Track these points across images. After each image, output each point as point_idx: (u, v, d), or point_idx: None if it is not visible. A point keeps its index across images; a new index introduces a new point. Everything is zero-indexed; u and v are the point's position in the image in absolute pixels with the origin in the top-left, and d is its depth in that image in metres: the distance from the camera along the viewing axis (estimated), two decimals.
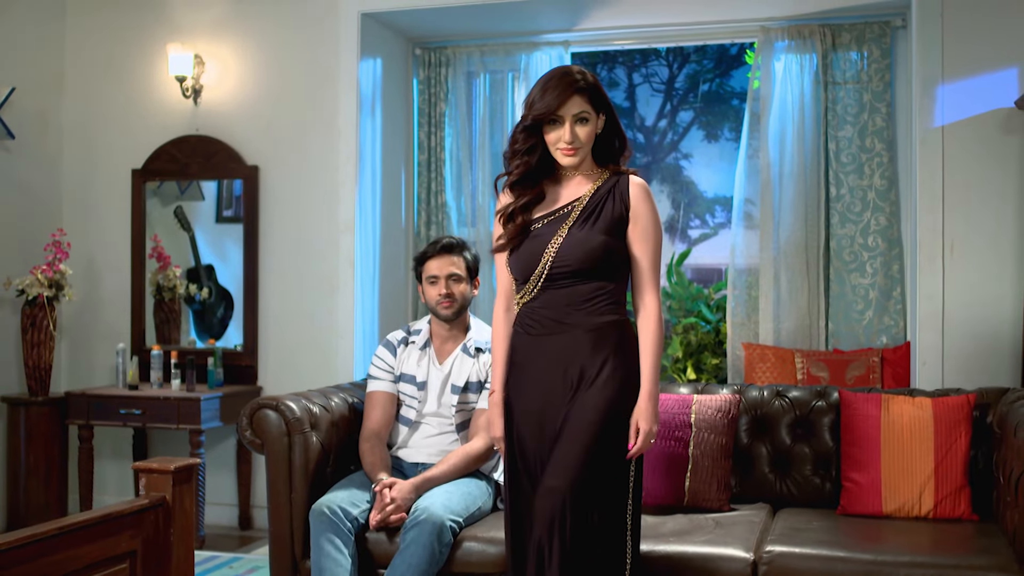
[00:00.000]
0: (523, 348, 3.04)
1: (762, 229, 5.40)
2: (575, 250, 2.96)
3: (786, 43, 5.39)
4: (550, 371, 2.97)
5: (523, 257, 3.03)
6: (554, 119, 2.99)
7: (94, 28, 5.76)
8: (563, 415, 2.93)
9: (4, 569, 2.19)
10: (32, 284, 5.21)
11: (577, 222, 3.00)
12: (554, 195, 3.09)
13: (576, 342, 2.95)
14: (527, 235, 3.04)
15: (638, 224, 3.02)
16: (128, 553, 2.52)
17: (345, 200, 5.41)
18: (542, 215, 3.05)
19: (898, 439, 3.65)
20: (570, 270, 2.96)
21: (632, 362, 2.98)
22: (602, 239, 2.97)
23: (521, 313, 3.06)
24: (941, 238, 4.74)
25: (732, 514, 3.73)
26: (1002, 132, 4.66)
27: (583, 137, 3.00)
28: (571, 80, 2.99)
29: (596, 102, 3.02)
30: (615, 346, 2.96)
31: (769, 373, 5.23)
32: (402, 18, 5.52)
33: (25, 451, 5.25)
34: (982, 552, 3.23)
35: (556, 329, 2.98)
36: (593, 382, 2.92)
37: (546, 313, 2.99)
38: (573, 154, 3.01)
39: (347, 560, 3.38)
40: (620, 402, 2.93)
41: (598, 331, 2.95)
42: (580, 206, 3.02)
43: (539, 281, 3.00)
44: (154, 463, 2.65)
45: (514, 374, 3.06)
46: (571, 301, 2.97)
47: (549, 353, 2.98)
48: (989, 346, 4.68)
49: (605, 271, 2.99)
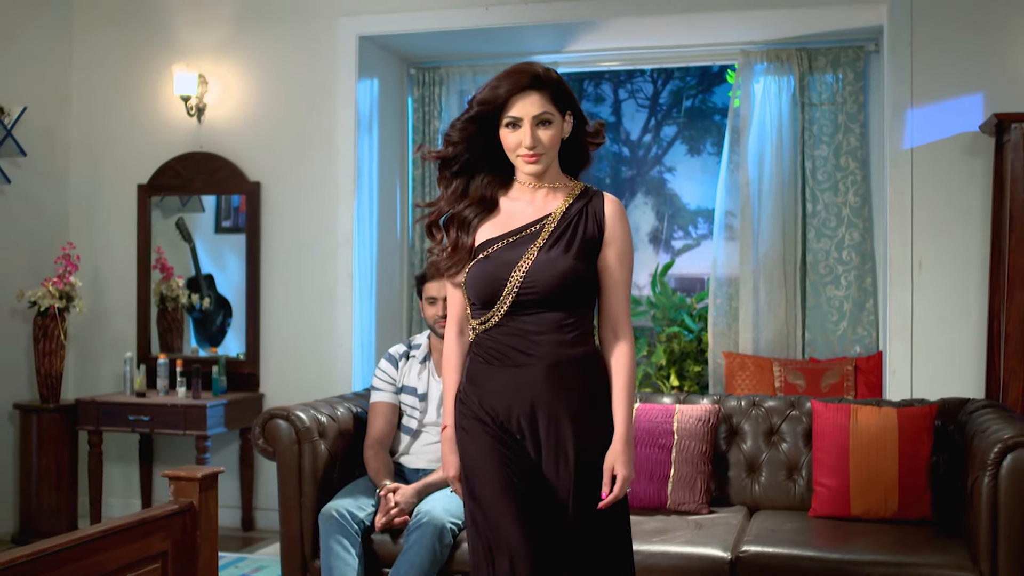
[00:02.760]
0: (484, 375, 2.70)
1: (742, 242, 5.67)
2: (545, 275, 2.62)
3: (765, 66, 5.66)
4: (516, 402, 2.64)
5: (485, 279, 2.68)
6: (512, 121, 2.65)
7: (101, 49, 5.98)
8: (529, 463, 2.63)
9: (55, 568, 2.43)
10: (44, 296, 5.43)
11: (547, 243, 2.66)
12: (513, 209, 2.75)
13: (544, 376, 2.62)
14: (486, 253, 2.70)
15: (613, 248, 2.71)
16: (160, 553, 2.77)
17: (343, 215, 5.65)
18: (505, 232, 2.71)
19: (865, 446, 3.92)
20: (539, 297, 2.63)
21: (607, 399, 2.69)
22: (575, 264, 2.64)
23: (479, 341, 2.72)
24: (910, 255, 5.01)
25: (711, 516, 4.00)
26: (968, 155, 4.93)
27: (547, 141, 2.65)
28: (532, 74, 2.65)
29: (560, 101, 2.67)
30: (591, 382, 2.67)
31: (748, 381, 5.49)
32: (398, 40, 5.77)
33: (37, 456, 5.47)
34: (940, 552, 3.51)
35: (521, 361, 2.65)
36: (565, 423, 2.62)
37: (509, 343, 2.66)
38: (535, 160, 2.66)
39: (355, 560, 3.64)
40: (594, 449, 2.65)
41: (568, 364, 2.64)
42: (551, 225, 2.68)
43: (503, 308, 2.65)
44: (182, 471, 2.90)
45: (472, 400, 2.71)
46: (538, 330, 2.64)
47: (514, 386, 2.65)
48: (955, 357, 4.95)
49: (576, 298, 2.66)
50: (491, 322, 2.68)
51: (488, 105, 2.66)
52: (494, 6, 5.43)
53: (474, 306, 2.73)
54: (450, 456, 2.76)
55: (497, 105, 2.65)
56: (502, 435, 2.64)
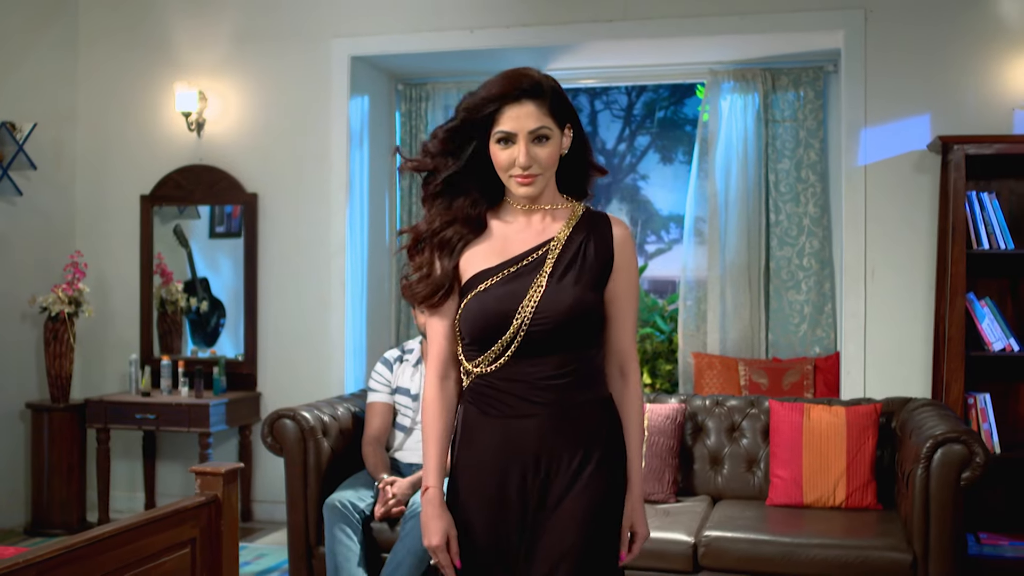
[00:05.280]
0: (481, 428, 2.33)
1: (710, 249, 6.07)
2: (557, 309, 2.28)
3: (731, 84, 6.06)
4: (515, 459, 2.29)
5: (485, 316, 2.30)
6: (504, 137, 2.29)
7: (106, 68, 6.31)
8: (534, 525, 2.29)
9: (102, 554, 2.79)
10: (54, 302, 5.77)
11: (556, 272, 2.32)
12: (508, 233, 2.39)
13: (552, 428, 2.28)
14: (484, 286, 2.33)
15: (621, 277, 2.39)
16: (190, 540, 3.13)
17: (336, 225, 6.01)
18: (503, 262, 2.35)
19: (817, 441, 4.33)
20: (549, 334, 2.27)
21: (621, 451, 2.37)
22: (590, 295, 2.32)
23: (476, 388, 2.34)
24: (863, 263, 5.41)
25: (678, 505, 4.41)
26: (916, 172, 5.33)
27: (544, 159, 2.29)
28: (527, 80, 2.30)
29: (559, 113, 2.32)
30: (603, 432, 2.34)
31: (716, 380, 5.90)
32: (387, 59, 6.13)
33: (48, 452, 5.81)
34: (881, 535, 3.93)
35: (525, 410, 2.29)
36: (574, 481, 2.29)
37: (512, 389, 2.29)
38: (530, 182, 2.31)
39: (356, 546, 4.03)
40: (610, 505, 2.33)
41: (580, 412, 2.31)
42: (555, 252, 2.33)
43: (508, 348, 2.28)
44: (208, 467, 3.26)
45: (465, 456, 2.36)
46: (546, 373, 2.28)
47: (514, 439, 2.29)
48: (904, 358, 5.35)
49: (588, 335, 2.33)
50: (492, 365, 2.31)
51: (475, 113, 2.31)
52: (478, 29, 5.80)
53: (469, 347, 2.34)
54: (433, 522, 2.33)
55: (485, 114, 2.30)
56: (500, 502, 2.30)
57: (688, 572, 3.96)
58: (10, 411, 5.90)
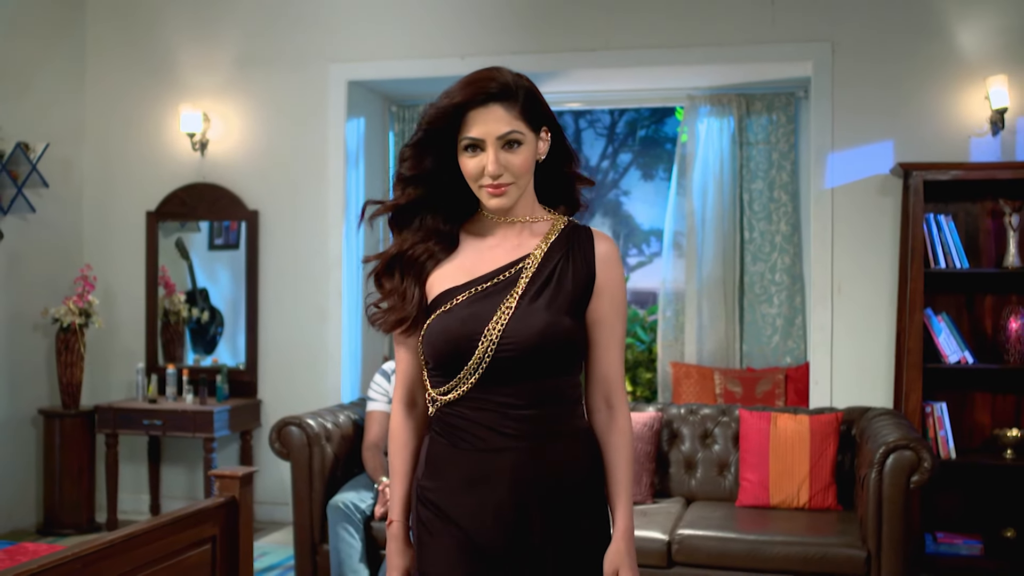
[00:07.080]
0: (448, 462, 2.13)
1: (687, 263, 6.42)
2: (526, 333, 2.07)
3: (708, 108, 6.41)
4: (488, 498, 2.09)
5: (447, 338, 2.10)
6: (472, 143, 2.08)
7: (114, 90, 6.62)
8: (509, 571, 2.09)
9: (134, 549, 3.11)
10: (66, 313, 6.08)
11: (529, 292, 2.11)
12: (480, 249, 2.19)
13: (526, 462, 2.09)
14: (448, 306, 2.12)
15: (605, 298, 2.17)
16: (210, 538, 3.45)
17: (333, 240, 6.34)
18: (472, 280, 2.14)
19: (783, 447, 4.69)
20: (519, 360, 2.07)
21: (601, 489, 2.17)
22: (563, 319, 2.10)
23: (442, 418, 2.14)
24: (831, 279, 5.75)
25: (654, 506, 4.76)
26: (880, 194, 5.68)
27: (516, 166, 2.09)
28: (494, 81, 2.08)
29: (532, 116, 2.11)
30: (582, 467, 2.15)
31: (692, 388, 6.24)
32: (383, 84, 6.46)
33: (59, 456, 6.12)
34: (840, 534, 4.28)
35: (496, 443, 2.09)
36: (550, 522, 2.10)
37: (481, 419, 2.09)
38: (501, 192, 2.10)
39: (358, 543, 4.36)
40: (590, 551, 2.15)
41: (557, 446, 2.11)
42: (530, 270, 2.13)
43: (474, 375, 2.08)
44: (226, 471, 3.59)
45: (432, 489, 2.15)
46: (518, 403, 2.08)
47: (488, 475, 2.09)
48: (868, 369, 5.68)
49: (565, 362, 2.13)
50: (456, 392, 2.10)
51: (438, 123, 2.10)
52: (469, 56, 6.13)
53: (433, 372, 2.15)
54: (396, 559, 2.20)
55: (449, 121, 2.09)
56: (471, 542, 2.10)
57: (663, 567, 4.32)
58: (23, 417, 6.21)
